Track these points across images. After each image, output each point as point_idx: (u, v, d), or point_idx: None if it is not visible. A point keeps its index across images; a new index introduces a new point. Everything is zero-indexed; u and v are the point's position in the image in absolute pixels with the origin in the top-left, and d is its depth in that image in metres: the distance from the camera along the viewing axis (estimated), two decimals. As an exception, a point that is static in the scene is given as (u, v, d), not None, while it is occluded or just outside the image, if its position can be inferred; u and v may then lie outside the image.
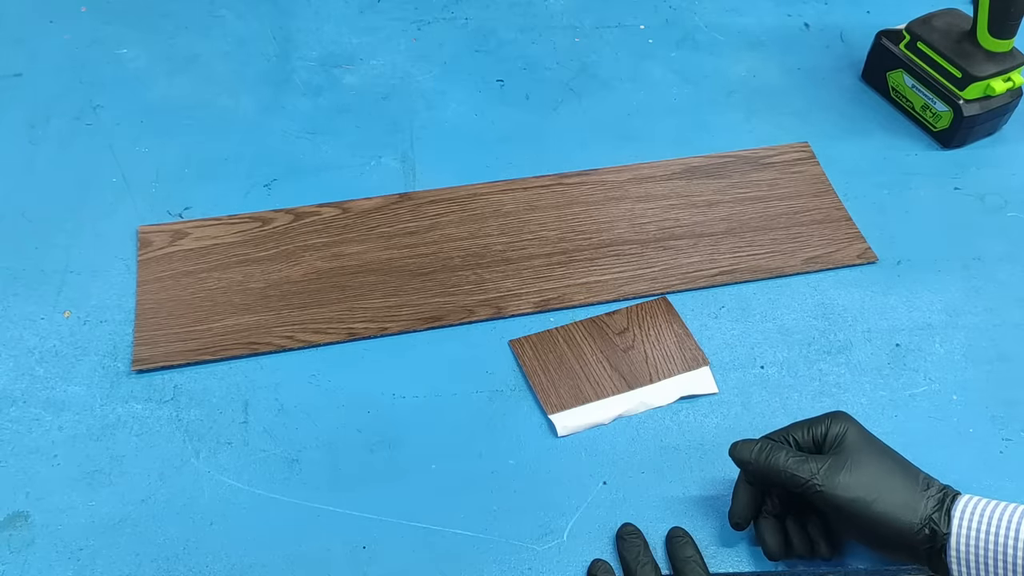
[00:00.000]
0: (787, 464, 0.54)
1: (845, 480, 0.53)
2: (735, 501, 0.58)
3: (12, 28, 0.93)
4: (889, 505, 0.52)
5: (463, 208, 0.78)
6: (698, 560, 0.57)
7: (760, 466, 0.55)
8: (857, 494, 0.52)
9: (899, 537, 0.51)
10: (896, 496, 0.52)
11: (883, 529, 0.52)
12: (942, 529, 0.51)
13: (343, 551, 0.58)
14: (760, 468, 0.55)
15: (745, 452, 0.56)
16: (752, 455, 0.55)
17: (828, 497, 0.52)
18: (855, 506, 0.52)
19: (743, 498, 0.58)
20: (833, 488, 0.52)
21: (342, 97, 0.88)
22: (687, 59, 0.93)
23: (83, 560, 0.57)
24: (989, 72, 0.79)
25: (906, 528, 0.51)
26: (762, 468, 0.55)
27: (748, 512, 0.58)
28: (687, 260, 0.74)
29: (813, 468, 0.53)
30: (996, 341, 0.70)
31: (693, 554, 0.57)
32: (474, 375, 0.67)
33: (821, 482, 0.53)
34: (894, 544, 0.52)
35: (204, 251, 0.74)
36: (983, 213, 0.79)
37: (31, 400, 0.65)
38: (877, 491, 0.52)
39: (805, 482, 0.53)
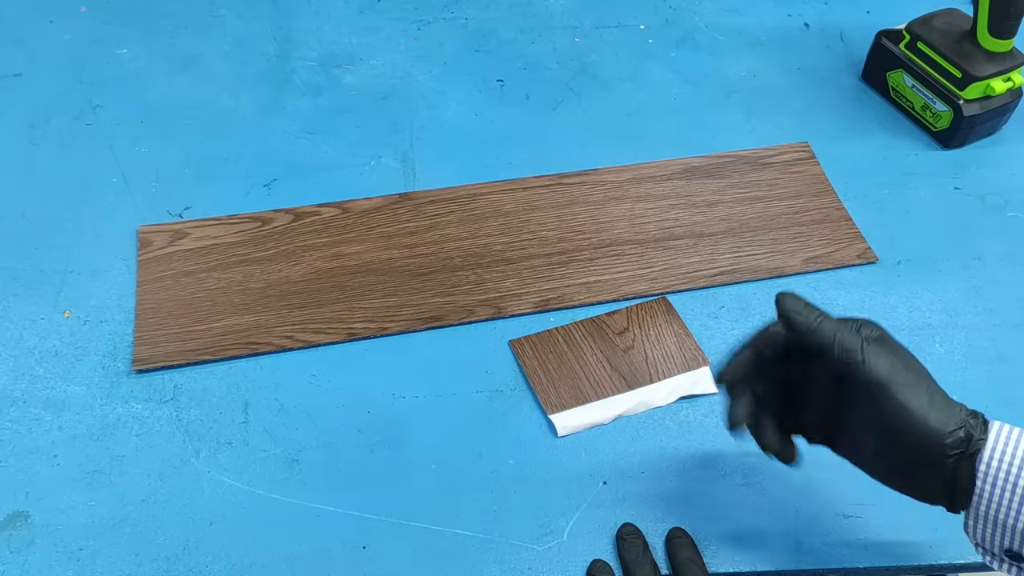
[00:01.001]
0: (839, 328, 0.49)
1: (889, 360, 0.48)
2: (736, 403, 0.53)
3: (12, 28, 0.93)
4: (927, 395, 0.47)
5: (463, 208, 0.78)
6: (697, 561, 0.57)
7: (808, 321, 0.49)
8: (900, 374, 0.48)
9: (928, 435, 0.47)
10: (935, 392, 0.48)
11: (914, 422, 0.47)
12: (978, 434, 0.46)
13: (343, 551, 0.58)
14: (807, 323, 0.49)
15: (796, 303, 0.50)
16: (803, 307, 0.50)
17: (867, 371, 0.47)
18: (892, 388, 0.47)
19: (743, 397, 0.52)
20: (875, 363, 0.48)
21: (342, 97, 0.88)
22: (687, 59, 0.93)
23: (83, 560, 0.57)
24: (989, 72, 0.79)
25: (940, 425, 0.47)
26: (810, 325, 0.49)
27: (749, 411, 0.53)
28: (687, 260, 0.74)
29: (859, 338, 0.48)
30: (996, 341, 0.70)
31: (692, 555, 0.57)
32: (474, 375, 0.67)
33: (866, 354, 0.48)
34: (918, 444, 0.47)
35: (204, 251, 0.74)
36: (983, 213, 0.79)
37: (31, 400, 0.65)
38: (916, 380, 0.48)
39: (851, 349, 0.48)
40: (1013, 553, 0.48)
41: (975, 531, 0.48)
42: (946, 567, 0.59)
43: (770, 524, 0.60)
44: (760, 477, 0.62)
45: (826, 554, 0.59)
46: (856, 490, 0.61)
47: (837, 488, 0.61)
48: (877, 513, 0.60)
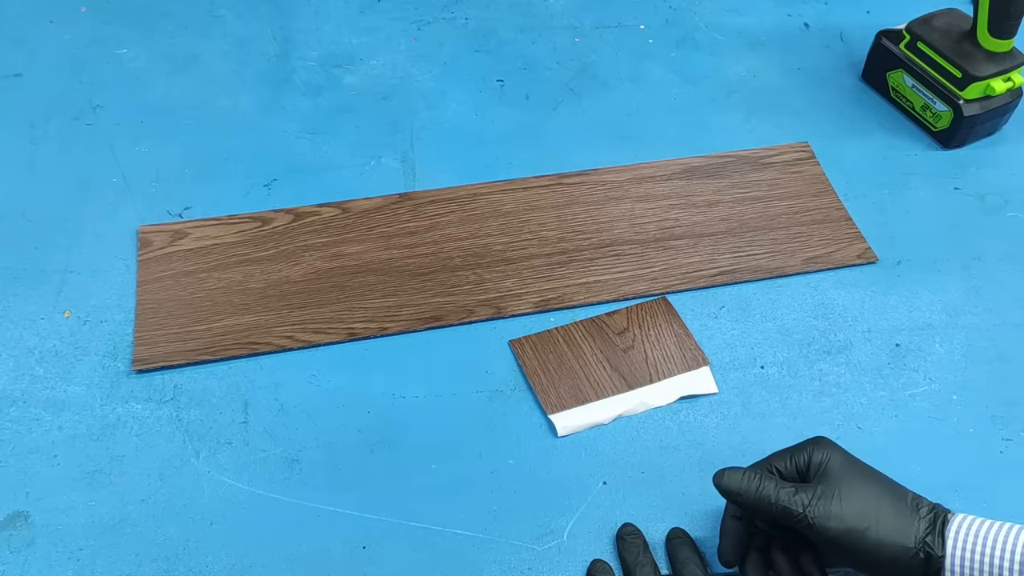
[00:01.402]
0: (779, 496, 0.52)
1: (837, 511, 0.51)
2: (724, 537, 0.56)
3: (12, 28, 0.93)
4: (883, 532, 0.51)
5: (463, 208, 0.78)
6: (697, 561, 0.57)
7: (750, 497, 0.53)
8: (850, 524, 0.51)
9: (894, 563, 0.51)
10: (888, 522, 0.51)
11: (878, 557, 0.51)
12: (937, 552, 0.50)
13: (343, 551, 0.58)
14: (750, 499, 0.53)
15: (733, 482, 0.53)
16: (741, 486, 0.53)
17: (821, 530, 0.51)
18: (850, 537, 0.51)
19: (732, 533, 0.56)
20: (826, 520, 0.51)
21: (342, 97, 0.88)
22: (687, 59, 0.93)
23: (83, 560, 0.57)
24: (989, 72, 0.79)
25: (901, 554, 0.50)
26: (752, 499, 0.53)
27: (739, 548, 0.56)
28: (687, 260, 0.74)
29: (804, 500, 0.52)
30: (996, 341, 0.70)
31: (692, 554, 0.57)
32: (474, 375, 0.67)
33: (814, 515, 0.51)
34: (890, 570, 0.51)
35: (204, 251, 0.74)
36: (983, 213, 0.79)
37: (31, 400, 0.65)
38: (869, 519, 0.51)
39: (798, 515, 0.51)
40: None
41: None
42: (946, 567, 0.59)
43: (770, 524, 0.60)
44: (760, 477, 0.62)
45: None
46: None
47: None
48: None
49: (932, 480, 0.60)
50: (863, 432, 0.64)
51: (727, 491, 0.54)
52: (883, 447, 0.63)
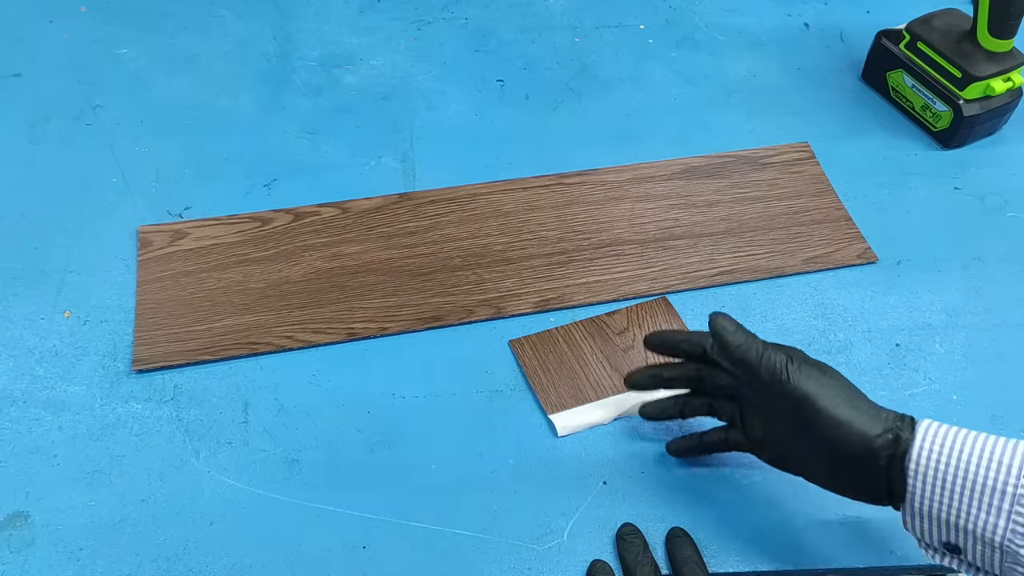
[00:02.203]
0: (764, 348, 0.53)
1: (812, 376, 0.51)
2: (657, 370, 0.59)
3: (12, 28, 0.93)
4: (852, 406, 0.50)
5: (463, 208, 0.78)
6: (697, 560, 0.57)
7: (738, 341, 0.53)
8: (823, 388, 0.51)
9: (857, 440, 0.49)
10: (861, 402, 0.51)
11: (842, 429, 0.50)
12: (906, 435, 0.49)
13: (343, 551, 0.58)
14: (736, 343, 0.53)
15: (728, 323, 0.54)
16: (735, 328, 0.54)
17: (793, 388, 0.51)
18: (817, 401, 0.50)
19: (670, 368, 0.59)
20: (799, 380, 0.51)
21: (342, 97, 0.88)
22: (687, 59, 0.93)
23: (83, 560, 0.57)
24: (989, 72, 0.79)
25: (868, 430, 0.50)
26: (739, 344, 0.53)
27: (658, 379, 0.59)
28: (687, 260, 0.74)
29: (784, 358, 0.52)
30: (996, 341, 0.70)
31: (692, 554, 0.57)
32: (474, 375, 0.67)
33: (790, 372, 0.51)
34: (849, 451, 0.50)
35: (204, 251, 0.74)
36: (983, 213, 0.79)
37: (31, 400, 0.65)
38: (840, 392, 0.51)
39: (776, 369, 0.51)
40: (951, 545, 0.49)
41: (913, 526, 0.50)
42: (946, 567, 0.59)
43: (770, 524, 0.60)
44: (760, 477, 0.62)
45: (826, 554, 0.59)
46: (856, 490, 0.61)
47: (837, 488, 0.61)
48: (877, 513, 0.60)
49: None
50: (863, 432, 0.64)
51: (720, 327, 0.54)
52: (883, 447, 0.63)
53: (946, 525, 0.48)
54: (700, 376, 0.59)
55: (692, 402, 0.60)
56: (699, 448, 0.61)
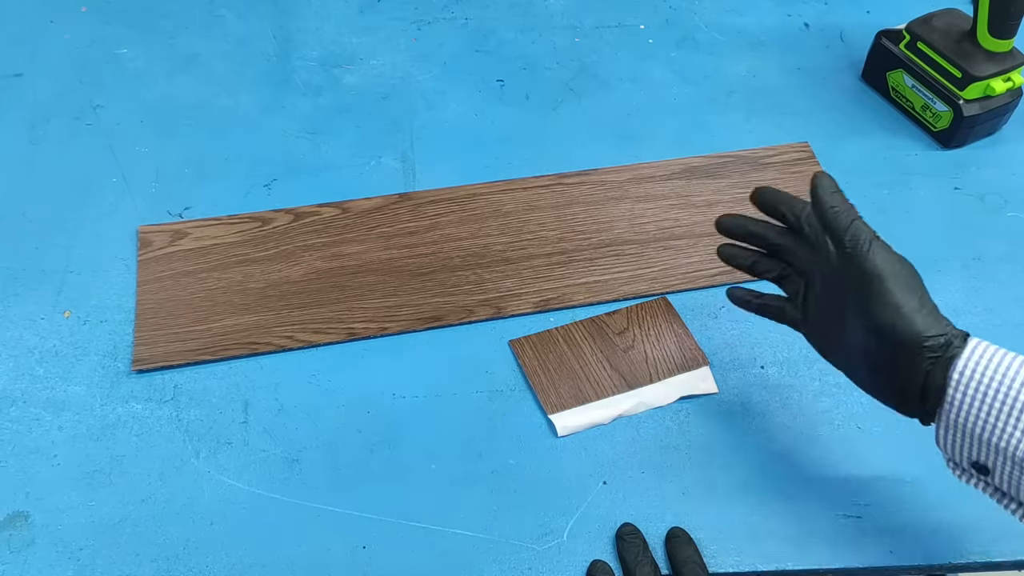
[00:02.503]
0: (857, 218, 0.53)
1: (891, 260, 0.51)
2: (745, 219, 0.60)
3: (12, 28, 0.93)
4: (918, 300, 0.50)
5: (463, 208, 0.78)
6: (697, 560, 0.57)
7: (833, 202, 0.53)
8: (897, 273, 0.51)
9: (911, 332, 0.49)
10: (927, 302, 0.51)
11: (901, 318, 0.50)
12: (957, 343, 0.49)
13: (343, 551, 0.58)
14: (832, 201, 0.53)
15: (830, 184, 0.55)
16: (834, 190, 0.54)
17: (870, 261, 0.51)
18: (888, 282, 0.50)
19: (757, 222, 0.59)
20: (877, 256, 0.51)
21: (342, 97, 0.88)
22: (687, 59, 0.93)
23: (83, 560, 0.57)
24: (989, 72, 0.79)
25: (924, 327, 0.49)
26: (833, 205, 0.53)
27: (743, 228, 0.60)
28: (687, 260, 0.74)
29: (871, 234, 0.52)
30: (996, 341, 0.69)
31: (692, 554, 0.57)
32: (474, 375, 0.67)
33: (872, 247, 0.51)
34: (901, 340, 0.50)
35: (204, 251, 0.74)
36: (983, 213, 0.79)
37: (31, 400, 0.65)
38: (912, 285, 0.51)
39: (860, 239, 0.52)
40: (979, 465, 0.48)
41: (945, 440, 0.49)
42: (946, 567, 0.59)
43: (770, 524, 0.60)
44: (760, 477, 0.62)
45: (826, 554, 0.59)
46: (856, 490, 0.61)
47: (837, 488, 0.61)
48: (877, 513, 0.60)
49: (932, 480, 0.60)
50: (863, 432, 0.64)
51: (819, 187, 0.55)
52: (883, 447, 0.63)
53: (979, 442, 0.47)
54: (782, 242, 0.59)
55: (765, 261, 0.60)
56: (757, 307, 0.61)
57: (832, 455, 0.63)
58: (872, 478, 0.62)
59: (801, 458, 0.63)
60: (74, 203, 0.78)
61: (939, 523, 0.60)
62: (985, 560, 0.58)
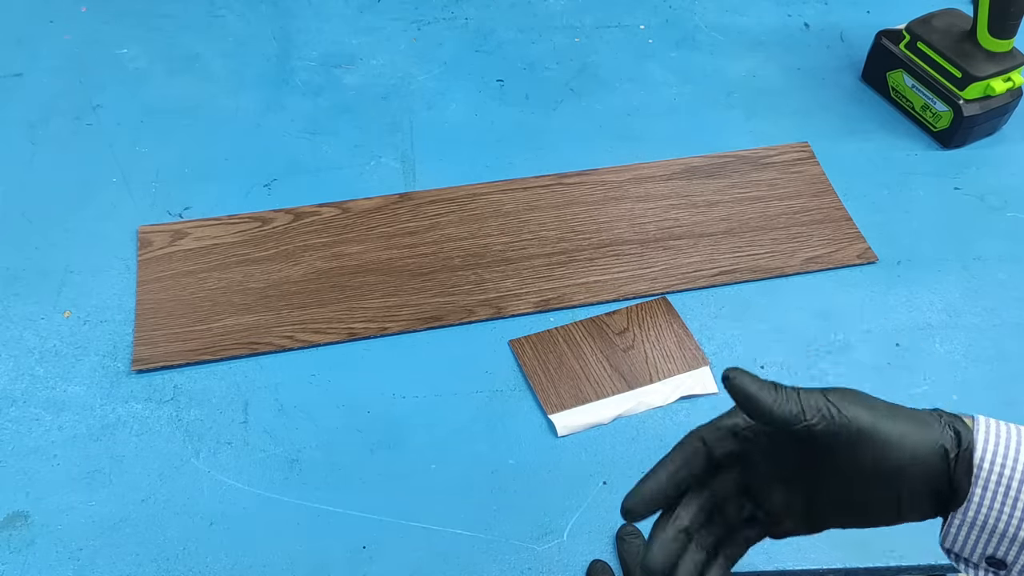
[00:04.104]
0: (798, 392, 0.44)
1: (859, 402, 0.44)
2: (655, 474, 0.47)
3: (12, 28, 0.93)
4: (903, 419, 0.44)
5: (463, 208, 0.78)
6: (698, 561, 0.56)
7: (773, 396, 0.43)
8: (875, 411, 0.44)
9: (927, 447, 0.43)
10: (899, 409, 0.44)
11: (905, 449, 0.43)
12: (960, 428, 0.44)
13: (343, 551, 0.58)
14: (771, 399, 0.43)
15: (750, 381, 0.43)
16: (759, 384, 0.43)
17: (848, 421, 0.43)
18: (876, 427, 0.43)
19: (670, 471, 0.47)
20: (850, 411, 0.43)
21: (342, 97, 0.88)
22: (687, 59, 0.93)
23: (83, 560, 0.57)
24: (989, 72, 0.79)
25: (929, 433, 0.43)
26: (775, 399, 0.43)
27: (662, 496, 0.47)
28: (687, 260, 0.74)
29: (822, 396, 0.44)
30: (996, 341, 0.70)
31: (693, 555, 0.56)
32: (474, 375, 0.67)
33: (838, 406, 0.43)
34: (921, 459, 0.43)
35: (204, 251, 0.74)
36: (983, 213, 0.79)
37: (31, 400, 0.65)
38: (883, 405, 0.44)
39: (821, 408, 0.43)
40: (995, 560, 0.46)
41: (956, 540, 0.46)
42: (946, 567, 0.59)
43: (770, 524, 0.60)
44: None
45: (826, 554, 0.59)
46: (856, 490, 0.61)
47: (837, 488, 0.61)
48: (877, 513, 0.60)
49: (932, 480, 0.59)
50: (863, 432, 0.64)
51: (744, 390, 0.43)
52: (883, 447, 0.63)
53: (999, 536, 0.43)
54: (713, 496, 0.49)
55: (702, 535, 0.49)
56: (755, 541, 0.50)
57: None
58: (872, 478, 0.62)
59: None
60: (74, 203, 0.78)
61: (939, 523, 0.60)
62: (985, 560, 0.58)
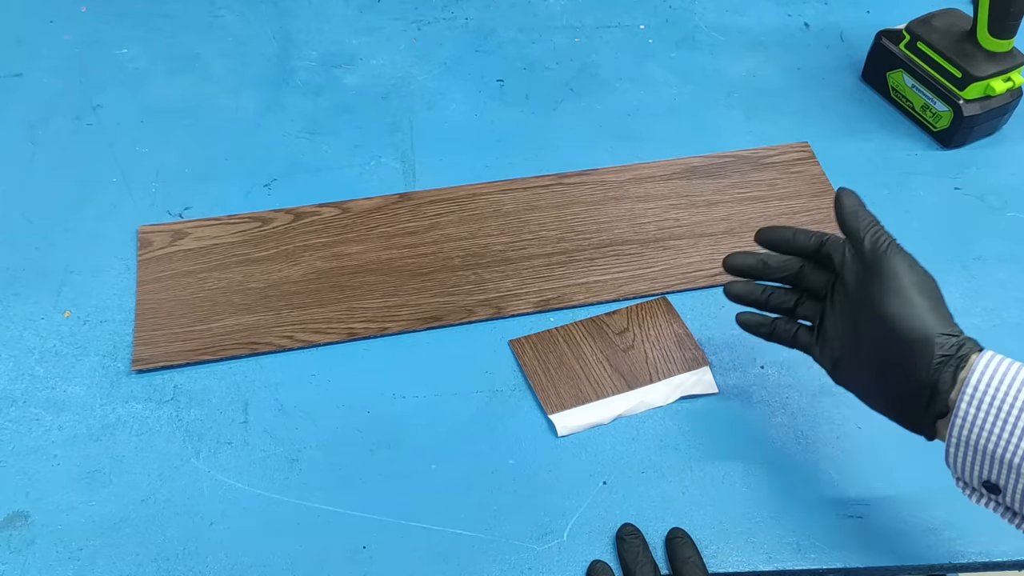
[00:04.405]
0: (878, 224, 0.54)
1: (907, 262, 0.52)
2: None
3: (12, 28, 0.93)
4: (934, 302, 0.50)
5: (463, 208, 0.78)
6: (697, 561, 0.57)
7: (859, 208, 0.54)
8: (913, 274, 0.51)
9: (922, 329, 0.49)
10: (941, 306, 0.51)
11: (915, 312, 0.50)
12: (967, 349, 0.48)
13: (343, 551, 0.58)
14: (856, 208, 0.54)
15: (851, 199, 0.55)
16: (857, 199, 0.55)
17: (892, 257, 0.51)
18: (905, 280, 0.51)
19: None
20: (902, 260, 0.51)
21: (342, 97, 0.88)
22: (687, 59, 0.93)
23: (83, 560, 0.57)
24: (989, 72, 0.79)
25: (935, 324, 0.49)
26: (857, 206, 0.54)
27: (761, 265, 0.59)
28: (687, 260, 0.74)
29: (890, 239, 0.53)
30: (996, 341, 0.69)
31: (692, 555, 0.57)
32: (474, 375, 0.67)
33: (891, 248, 0.52)
34: (911, 336, 0.49)
35: (204, 251, 0.74)
36: (983, 213, 0.79)
37: (31, 400, 0.65)
38: (929, 288, 0.51)
39: (879, 240, 0.52)
40: (990, 484, 0.47)
41: (955, 459, 0.48)
42: (946, 567, 0.59)
43: (770, 524, 0.60)
44: (760, 477, 0.62)
45: (826, 554, 0.59)
46: (856, 490, 0.61)
47: (837, 488, 0.61)
48: (877, 513, 0.60)
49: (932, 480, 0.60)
50: (863, 432, 0.64)
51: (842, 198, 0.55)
52: (883, 447, 0.63)
53: (991, 458, 0.46)
54: (800, 271, 0.59)
55: (780, 293, 0.60)
56: (768, 332, 0.61)
57: (832, 455, 0.63)
58: (872, 478, 0.62)
59: (801, 458, 0.63)
60: (74, 203, 0.78)
61: (939, 523, 0.60)
62: (985, 560, 0.59)
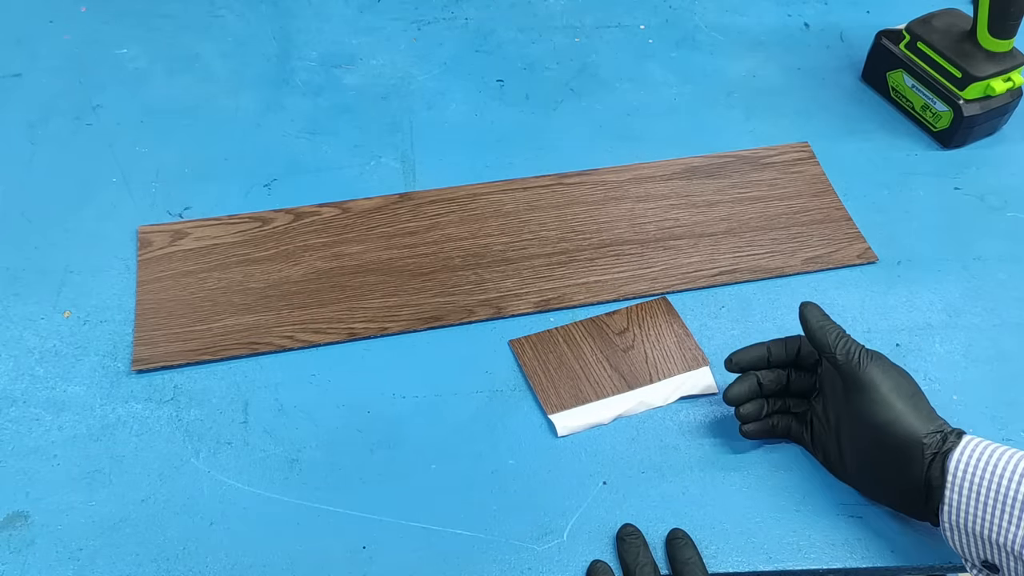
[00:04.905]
0: (844, 335, 0.57)
1: (882, 369, 0.55)
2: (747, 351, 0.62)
3: (12, 28, 0.93)
4: (914, 403, 0.54)
5: (463, 208, 0.78)
6: (697, 562, 0.57)
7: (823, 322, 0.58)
8: (889, 379, 0.55)
9: (909, 432, 0.52)
10: (922, 404, 0.54)
11: (900, 419, 0.53)
12: (951, 440, 0.51)
13: (343, 551, 0.58)
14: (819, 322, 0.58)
15: (816, 311, 0.59)
16: (821, 315, 0.58)
17: (863, 372, 0.55)
18: (883, 388, 0.54)
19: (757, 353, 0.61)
20: (869, 367, 0.55)
21: (342, 97, 0.88)
22: (687, 59, 0.93)
23: (83, 560, 0.57)
24: (989, 72, 0.79)
25: (920, 425, 0.52)
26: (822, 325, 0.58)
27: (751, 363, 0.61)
28: (687, 260, 0.74)
29: (859, 348, 0.56)
30: (996, 341, 0.70)
31: (693, 556, 0.57)
32: (474, 375, 0.67)
33: (863, 358, 0.55)
34: (898, 441, 0.53)
35: (204, 251, 0.74)
36: (983, 213, 0.79)
37: (31, 400, 0.65)
38: (905, 388, 0.55)
39: (851, 352, 0.56)
40: (989, 564, 0.48)
41: (953, 542, 0.50)
42: (946, 567, 0.59)
43: (770, 524, 0.60)
44: (760, 477, 0.62)
45: (826, 554, 0.59)
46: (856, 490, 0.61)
47: (837, 488, 0.61)
48: (877, 513, 0.60)
49: (932, 480, 0.60)
50: (863, 432, 0.64)
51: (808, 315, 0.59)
52: (883, 447, 0.63)
53: (982, 540, 0.48)
54: (788, 382, 0.62)
55: (772, 400, 0.63)
56: (768, 431, 0.62)
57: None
58: (872, 478, 0.62)
59: (801, 458, 0.63)
60: (74, 203, 0.78)
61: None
62: (985, 560, 0.58)
